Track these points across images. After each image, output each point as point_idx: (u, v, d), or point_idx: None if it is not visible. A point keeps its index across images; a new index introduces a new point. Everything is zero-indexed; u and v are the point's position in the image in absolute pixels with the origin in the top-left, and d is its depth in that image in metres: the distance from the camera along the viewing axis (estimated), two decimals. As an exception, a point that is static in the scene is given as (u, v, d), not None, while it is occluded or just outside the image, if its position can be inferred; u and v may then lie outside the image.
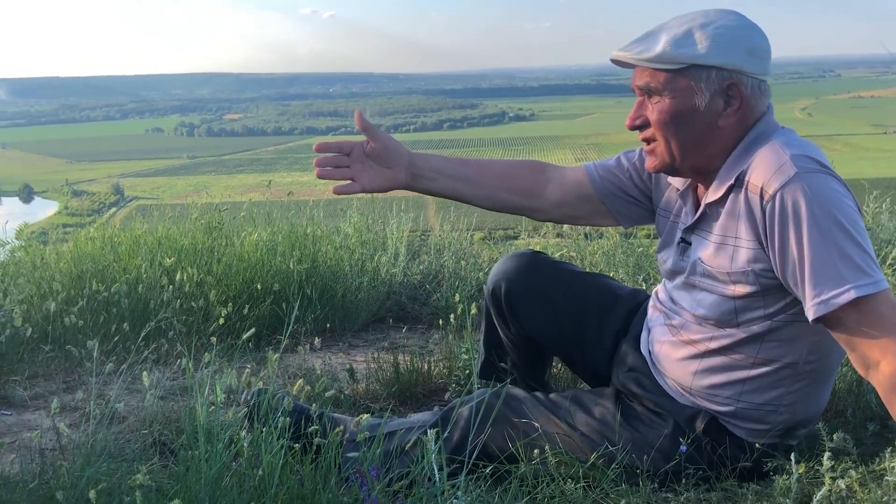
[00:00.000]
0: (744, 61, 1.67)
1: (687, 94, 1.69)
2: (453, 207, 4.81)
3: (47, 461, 1.91)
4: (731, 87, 1.68)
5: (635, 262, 3.79)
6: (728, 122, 1.71)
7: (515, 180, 2.11)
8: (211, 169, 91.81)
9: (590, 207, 2.09)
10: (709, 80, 1.67)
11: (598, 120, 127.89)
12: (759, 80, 1.70)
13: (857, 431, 1.99)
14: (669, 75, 1.68)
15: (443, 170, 2.07)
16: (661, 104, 1.71)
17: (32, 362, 2.77)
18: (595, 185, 2.05)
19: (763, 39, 1.70)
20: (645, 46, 1.70)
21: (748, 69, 1.68)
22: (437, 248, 4.17)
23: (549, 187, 2.09)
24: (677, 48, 1.66)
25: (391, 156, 2.00)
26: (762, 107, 1.73)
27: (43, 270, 3.29)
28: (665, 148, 1.75)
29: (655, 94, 1.72)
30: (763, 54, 1.70)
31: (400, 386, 2.61)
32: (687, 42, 1.66)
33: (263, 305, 3.17)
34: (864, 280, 1.53)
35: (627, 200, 2.05)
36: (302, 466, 1.67)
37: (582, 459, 1.87)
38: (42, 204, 76.30)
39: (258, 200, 4.68)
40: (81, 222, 28.65)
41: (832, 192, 1.58)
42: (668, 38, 1.67)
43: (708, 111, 1.69)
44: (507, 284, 2.19)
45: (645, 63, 1.70)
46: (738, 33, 1.68)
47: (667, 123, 1.72)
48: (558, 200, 2.10)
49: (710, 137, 1.72)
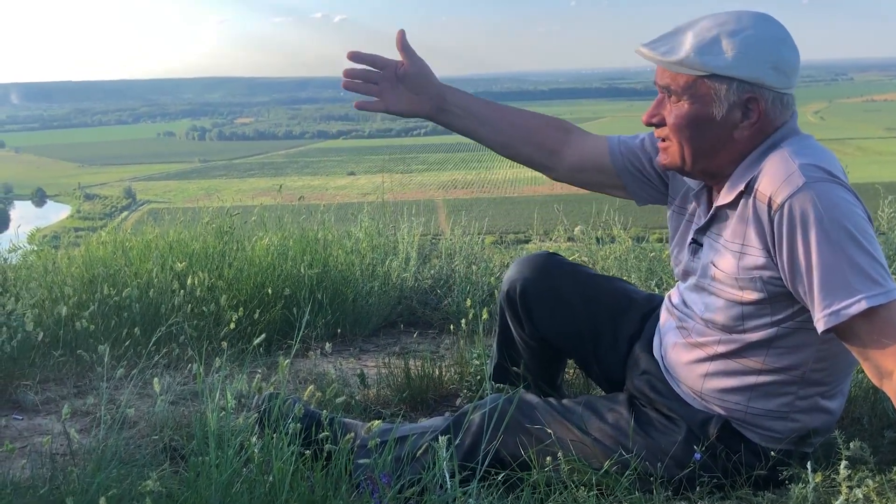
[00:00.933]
0: (767, 75, 1.63)
1: (706, 102, 1.67)
2: (464, 212, 4.80)
3: (58, 466, 1.91)
4: (751, 101, 1.65)
5: (647, 266, 3.77)
6: (743, 134, 1.68)
7: (538, 136, 2.07)
8: (222, 173, 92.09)
9: (605, 179, 2.06)
10: (729, 92, 1.64)
11: (609, 123, 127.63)
12: (782, 94, 1.67)
13: (873, 439, 1.96)
14: (690, 80, 1.66)
15: (469, 108, 2.05)
16: (679, 108, 1.70)
17: (44, 367, 2.76)
18: (615, 161, 2.02)
19: (792, 52, 1.67)
20: (670, 47, 1.67)
21: (770, 83, 1.64)
22: (448, 252, 4.15)
23: (569, 150, 2.07)
24: (701, 56, 1.63)
25: (422, 82, 2.00)
26: (782, 118, 1.70)
27: (54, 275, 3.29)
28: (678, 150, 1.74)
29: (675, 96, 1.70)
30: (789, 69, 1.66)
31: (411, 391, 2.60)
32: (713, 49, 1.63)
33: (274, 310, 3.17)
34: (876, 290, 1.51)
35: (644, 181, 2.03)
36: (313, 473, 1.66)
37: (595, 466, 1.85)
38: (54, 207, 76.78)
39: (269, 204, 4.68)
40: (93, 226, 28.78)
41: (841, 202, 1.56)
42: (694, 42, 1.64)
43: (724, 122, 1.67)
44: (523, 285, 2.17)
45: (667, 65, 1.68)
46: (765, 46, 1.64)
47: (682, 128, 1.70)
48: (575, 165, 2.07)
49: (722, 147, 1.70)
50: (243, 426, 1.76)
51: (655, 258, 3.84)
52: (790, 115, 1.72)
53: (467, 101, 2.06)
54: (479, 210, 5.39)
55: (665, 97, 1.73)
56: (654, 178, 2.02)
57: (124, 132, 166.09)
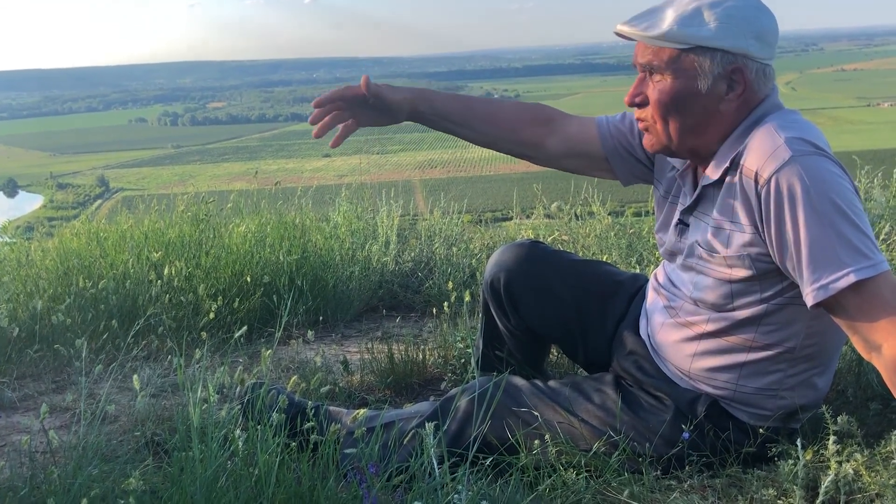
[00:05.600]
0: (750, 46, 1.62)
1: (690, 76, 1.64)
2: (442, 192, 4.77)
3: (38, 465, 1.87)
4: (736, 72, 1.64)
5: (627, 243, 3.77)
6: (729, 107, 1.67)
7: (519, 132, 2.06)
8: (196, 158, 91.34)
9: (592, 163, 2.05)
10: (713, 63, 1.62)
11: (584, 99, 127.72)
12: (764, 65, 1.66)
13: (859, 412, 1.96)
14: (674, 54, 1.64)
15: (444, 112, 2.05)
16: (663, 84, 1.67)
17: (20, 363, 2.72)
18: (605, 145, 2.00)
19: (771, 22, 1.65)
20: (651, 22, 1.65)
21: (754, 54, 1.63)
22: (427, 234, 4.13)
23: (552, 140, 2.05)
24: (685, 27, 1.61)
25: (387, 103, 1.99)
26: (765, 90, 1.69)
27: (28, 268, 3.24)
28: (663, 129, 1.71)
29: (657, 73, 1.68)
30: (770, 38, 1.65)
31: (395, 376, 2.58)
32: (695, 21, 1.61)
33: (254, 298, 3.13)
34: (864, 263, 1.50)
35: (634, 161, 2.01)
36: (299, 464, 1.63)
37: (583, 447, 1.84)
38: (27, 198, 75.91)
39: (245, 189, 4.63)
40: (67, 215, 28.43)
41: (828, 175, 1.55)
42: (675, 15, 1.62)
43: (709, 95, 1.65)
44: (507, 277, 2.15)
45: (649, 40, 1.65)
46: (747, 15, 1.62)
47: (666, 104, 1.68)
48: (560, 153, 2.06)
49: (709, 121, 1.68)
50: (227, 418, 1.73)
51: (635, 234, 3.84)
52: (771, 87, 1.71)
53: (441, 105, 2.04)
54: (458, 190, 5.37)
55: (646, 76, 1.71)
56: (642, 157, 2.00)
57: (95, 119, 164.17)
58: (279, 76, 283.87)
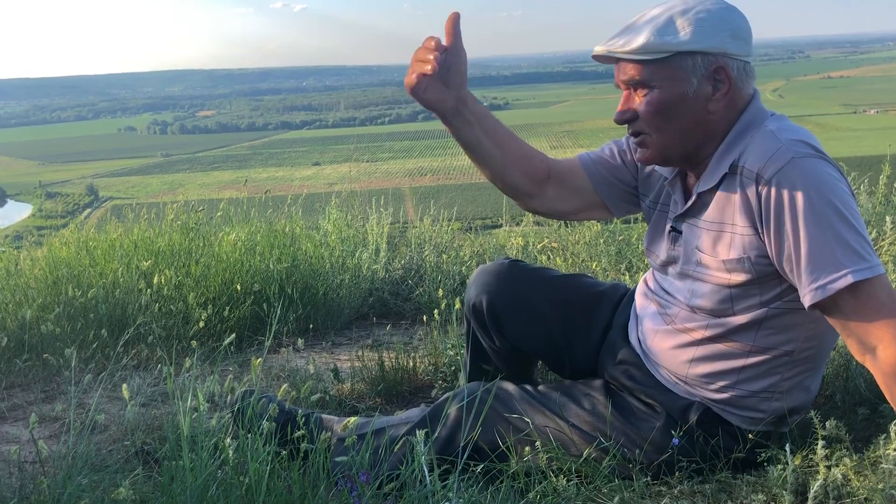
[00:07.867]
0: (728, 44, 1.65)
1: (674, 83, 1.66)
2: (432, 200, 4.77)
3: (27, 476, 1.86)
4: (718, 71, 1.66)
5: (616, 249, 3.78)
6: (718, 106, 1.69)
7: (531, 165, 2.01)
8: (185, 167, 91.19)
9: (584, 199, 2.03)
10: (695, 66, 1.65)
11: (573, 107, 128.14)
12: (744, 62, 1.69)
13: (847, 416, 1.98)
14: (655, 65, 1.66)
15: (482, 120, 1.94)
16: (649, 96, 1.69)
17: (9, 372, 2.71)
18: (589, 171, 2.00)
19: (743, 20, 1.69)
20: (627, 39, 1.67)
21: (733, 52, 1.66)
22: (417, 242, 4.13)
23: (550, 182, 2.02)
24: (661, 37, 1.63)
25: (455, 78, 1.84)
26: (749, 89, 1.72)
27: (17, 277, 3.23)
28: (657, 140, 1.73)
29: (641, 87, 1.69)
30: (746, 35, 1.68)
31: (386, 384, 2.58)
32: (669, 30, 1.64)
33: (244, 306, 3.13)
34: (861, 265, 1.52)
35: (620, 188, 2.01)
36: (290, 473, 1.63)
37: (574, 453, 1.85)
38: (16, 207, 75.58)
39: (235, 198, 4.62)
40: (56, 224, 28.31)
41: (827, 177, 1.57)
42: (650, 27, 1.65)
43: (697, 97, 1.67)
44: (490, 298, 2.13)
45: (629, 55, 1.67)
46: (719, 16, 1.65)
47: (656, 114, 1.69)
48: (556, 194, 2.03)
49: (700, 124, 1.70)
50: (217, 427, 1.73)
51: (625, 241, 3.86)
52: (754, 88, 1.73)
53: (482, 112, 1.96)
54: (448, 197, 5.38)
55: (631, 92, 1.72)
56: (628, 180, 2.00)
57: (84, 128, 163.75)
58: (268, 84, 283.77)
